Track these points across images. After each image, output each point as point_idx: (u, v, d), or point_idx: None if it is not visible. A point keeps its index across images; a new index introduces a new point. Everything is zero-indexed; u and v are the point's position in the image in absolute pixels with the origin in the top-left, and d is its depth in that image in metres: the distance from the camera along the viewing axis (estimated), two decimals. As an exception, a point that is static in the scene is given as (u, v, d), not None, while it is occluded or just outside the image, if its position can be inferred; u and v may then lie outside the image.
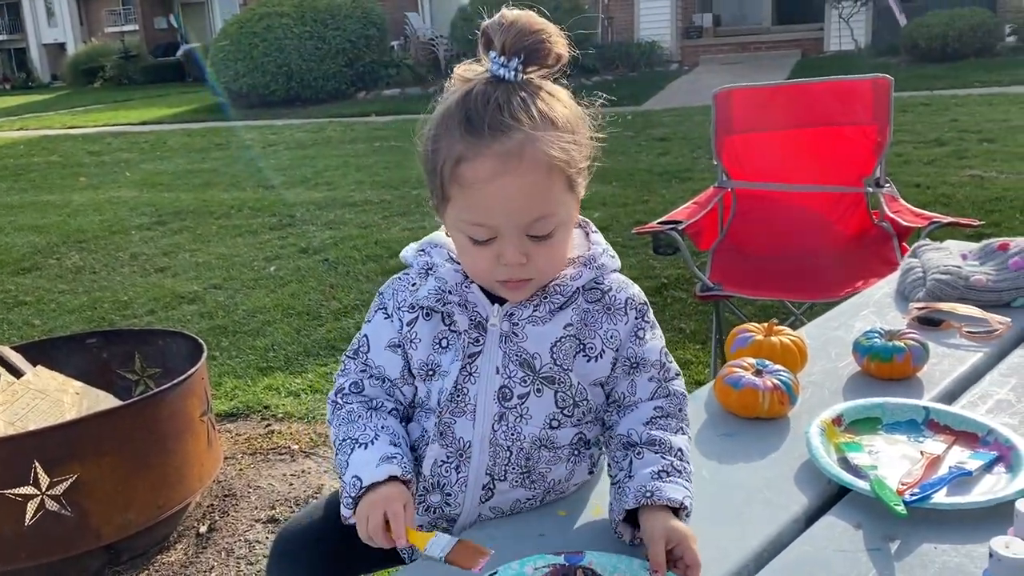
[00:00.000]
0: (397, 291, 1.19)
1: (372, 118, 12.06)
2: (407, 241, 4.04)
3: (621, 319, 1.15)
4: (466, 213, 1.06)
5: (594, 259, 1.16)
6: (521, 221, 1.05)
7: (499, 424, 1.14)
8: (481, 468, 1.15)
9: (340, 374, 1.23)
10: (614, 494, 1.10)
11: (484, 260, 1.08)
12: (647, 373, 1.17)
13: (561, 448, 1.17)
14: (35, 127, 14.40)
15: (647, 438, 1.12)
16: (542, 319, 1.13)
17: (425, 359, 1.16)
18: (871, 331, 1.49)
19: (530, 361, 1.13)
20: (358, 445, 1.13)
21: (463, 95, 1.05)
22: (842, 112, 3.19)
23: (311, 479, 2.78)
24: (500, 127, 1.01)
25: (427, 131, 1.09)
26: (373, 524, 1.04)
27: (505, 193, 1.03)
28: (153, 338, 2.94)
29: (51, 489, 2.18)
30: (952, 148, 6.71)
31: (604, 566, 1.01)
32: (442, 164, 1.05)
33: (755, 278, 3.06)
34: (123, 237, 6.22)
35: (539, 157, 1.02)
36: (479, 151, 1.02)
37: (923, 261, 1.80)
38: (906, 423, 1.30)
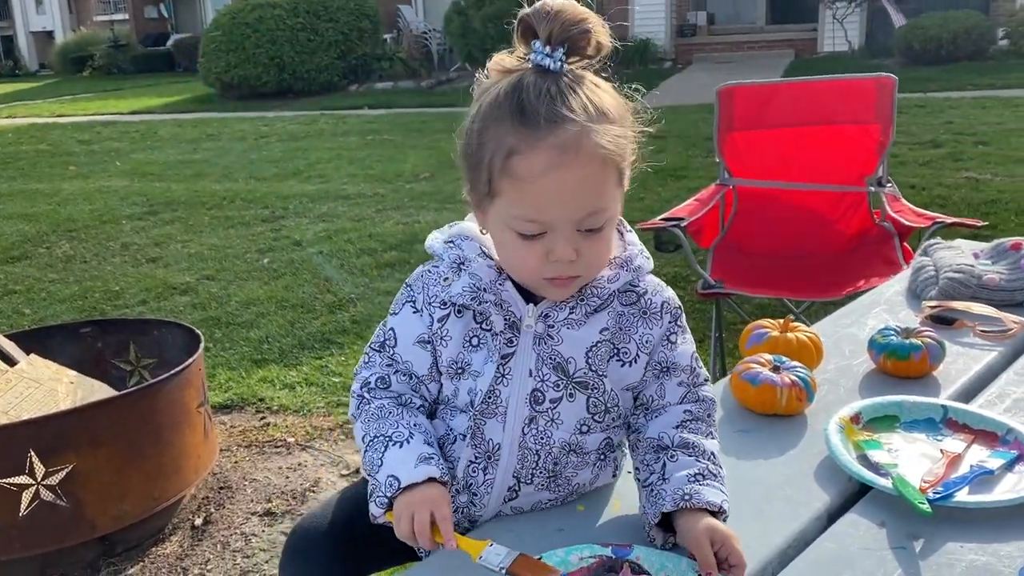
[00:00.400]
0: (428, 285, 1.15)
1: (364, 111, 12.00)
2: (401, 235, 4.03)
3: (657, 323, 1.13)
4: (517, 208, 1.02)
5: (631, 260, 1.12)
6: (575, 216, 1.01)
7: (529, 428, 1.11)
8: (509, 471, 1.13)
9: (364, 367, 1.20)
10: (647, 497, 1.08)
11: (532, 257, 1.04)
12: (677, 378, 1.14)
13: (589, 453, 1.15)
14: (23, 115, 14.26)
15: (679, 441, 1.10)
16: (578, 322, 1.10)
17: (455, 357, 1.12)
18: (887, 329, 1.48)
19: (564, 365, 1.10)
20: (392, 443, 1.10)
21: (513, 85, 1.01)
22: (845, 111, 3.19)
23: (307, 472, 2.75)
24: (556, 118, 0.98)
25: (471, 124, 1.05)
26: (420, 524, 1.02)
27: (561, 187, 0.99)
28: (148, 328, 2.91)
29: (46, 479, 2.15)
30: (947, 150, 6.73)
31: (652, 562, 1.00)
32: (491, 158, 1.01)
33: (756, 276, 3.05)
34: (114, 227, 6.16)
35: (594, 150, 0.99)
36: (534, 144, 0.98)
37: (935, 259, 1.79)
38: (924, 421, 1.29)
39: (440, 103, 12.10)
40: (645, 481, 1.10)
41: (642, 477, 1.11)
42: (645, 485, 1.09)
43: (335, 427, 3.04)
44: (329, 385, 3.35)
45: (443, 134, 9.29)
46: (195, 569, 2.31)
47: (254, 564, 2.32)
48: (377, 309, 4.13)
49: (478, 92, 1.07)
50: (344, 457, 2.83)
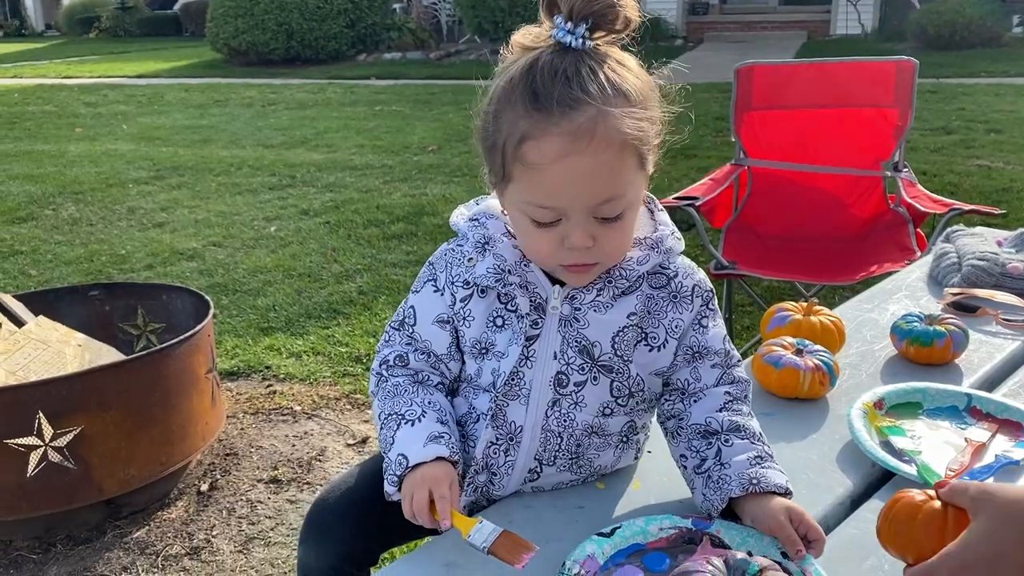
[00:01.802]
0: (451, 264, 1.13)
1: (372, 81, 11.92)
2: (408, 207, 4.00)
3: (687, 307, 1.10)
4: (530, 194, 0.99)
5: (661, 241, 1.09)
6: (589, 203, 0.98)
7: (552, 410, 1.10)
8: (531, 453, 1.12)
9: (384, 344, 1.19)
10: (705, 484, 1.05)
11: (547, 243, 1.01)
12: (711, 360, 1.12)
13: (611, 435, 1.13)
14: (30, 75, 14.17)
15: (729, 424, 1.07)
16: (605, 305, 1.07)
17: (478, 337, 1.11)
18: (910, 315, 1.47)
19: (589, 348, 1.08)
20: (404, 421, 1.09)
21: (528, 67, 0.97)
22: (864, 94, 3.16)
23: (313, 441, 2.75)
24: (569, 102, 0.94)
25: (487, 105, 1.02)
26: (418, 503, 1.02)
27: (573, 174, 0.95)
28: (156, 293, 2.89)
29: (54, 441, 2.15)
30: (959, 137, 6.68)
31: (732, 537, 0.99)
32: (504, 142, 0.99)
33: (768, 258, 3.03)
34: (120, 190, 6.13)
35: (611, 135, 0.95)
36: (546, 129, 0.94)
37: (957, 246, 1.77)
38: (948, 409, 1.28)
39: (448, 75, 12.02)
40: (699, 468, 1.06)
41: (691, 464, 1.08)
42: (700, 472, 1.06)
43: (341, 396, 3.03)
44: (335, 355, 3.35)
45: (451, 106, 9.24)
46: (200, 534, 2.31)
47: (259, 531, 2.32)
48: (384, 281, 4.12)
49: (498, 71, 1.03)
50: (350, 427, 2.83)
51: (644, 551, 0.96)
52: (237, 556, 2.22)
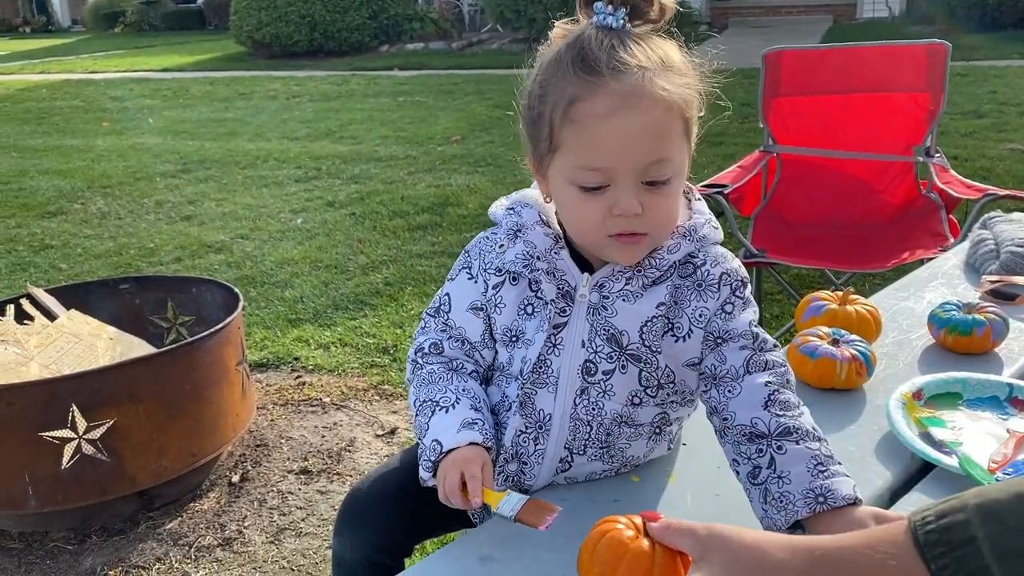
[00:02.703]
0: (484, 252, 1.15)
1: (395, 72, 11.92)
2: (433, 198, 4.01)
3: (712, 296, 1.07)
4: (579, 156, 0.99)
5: (695, 230, 1.07)
6: (639, 163, 0.98)
7: (580, 399, 1.09)
8: (560, 442, 1.11)
9: (420, 332, 1.21)
10: (764, 498, 0.98)
11: (595, 212, 1.00)
12: (736, 343, 1.07)
13: (642, 426, 1.12)
14: (57, 71, 14.32)
15: (778, 427, 1.00)
16: (634, 294, 1.06)
17: (509, 324, 1.11)
18: (948, 303, 1.44)
19: (618, 337, 1.07)
20: (439, 408, 1.10)
21: (574, 39, 1.00)
22: (894, 78, 3.10)
23: (343, 432, 2.76)
24: (617, 65, 0.96)
25: (532, 84, 1.03)
26: (450, 484, 1.02)
27: (624, 130, 0.96)
28: (186, 286, 2.91)
29: (88, 433, 2.17)
30: (991, 120, 6.57)
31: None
32: (552, 109, 0.99)
33: (798, 245, 3.00)
34: (148, 184, 6.18)
35: (658, 95, 0.96)
36: (596, 89, 0.96)
37: (995, 233, 1.74)
38: (988, 399, 1.25)
39: (471, 65, 11.99)
40: (754, 478, 1.00)
41: (744, 471, 1.01)
42: (756, 483, 0.99)
43: (369, 388, 3.04)
44: (363, 346, 3.36)
45: (474, 96, 9.22)
46: (232, 525, 2.33)
47: (290, 521, 2.33)
48: (410, 272, 4.12)
49: (539, 57, 1.05)
50: (379, 417, 2.84)
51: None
52: (269, 547, 2.24)
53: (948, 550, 0.67)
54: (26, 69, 14.86)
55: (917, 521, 0.70)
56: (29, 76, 13.84)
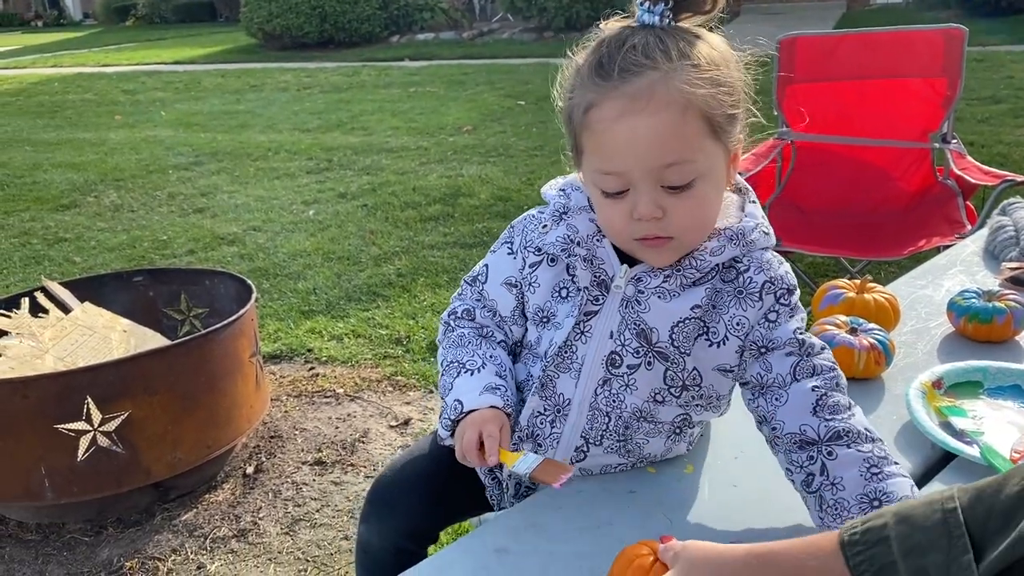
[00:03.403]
0: (527, 229, 1.15)
1: (406, 63, 11.91)
2: (445, 188, 3.99)
3: (753, 305, 1.04)
4: (596, 162, 0.99)
5: (743, 234, 1.04)
6: (651, 166, 0.95)
7: (602, 389, 1.08)
8: (577, 430, 1.11)
9: (457, 297, 1.23)
10: (820, 506, 0.97)
11: (618, 215, 0.99)
12: (782, 351, 1.04)
13: (662, 424, 1.11)
14: (69, 64, 14.38)
15: (827, 431, 0.98)
16: (671, 292, 1.04)
17: (541, 305, 1.12)
18: (967, 291, 1.42)
19: (648, 333, 1.05)
20: (464, 370, 1.12)
21: (598, 43, 0.99)
22: (910, 63, 3.07)
23: (356, 423, 2.76)
24: (629, 68, 0.94)
25: (565, 83, 1.03)
26: (468, 442, 1.04)
27: (632, 134, 0.94)
28: (199, 278, 2.91)
29: (103, 425, 2.18)
30: (1008, 106, 6.50)
31: None
32: (574, 113, 1.00)
33: (813, 234, 2.97)
34: (160, 176, 6.20)
35: (672, 96, 0.93)
36: (607, 93, 0.95)
37: (1015, 219, 1.71)
38: (1010, 388, 1.24)
39: (482, 55, 11.96)
40: (808, 486, 0.98)
41: (799, 480, 1.00)
42: (811, 491, 0.98)
43: (383, 379, 3.04)
44: (376, 337, 3.36)
45: (485, 86, 9.20)
46: (247, 516, 2.34)
47: (305, 512, 2.34)
48: (422, 263, 4.12)
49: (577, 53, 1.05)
50: (392, 408, 2.84)
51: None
52: (284, 538, 2.24)
53: (864, 548, 0.75)
54: (38, 63, 14.93)
55: (846, 528, 0.78)
56: (41, 70, 13.89)
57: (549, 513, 1.05)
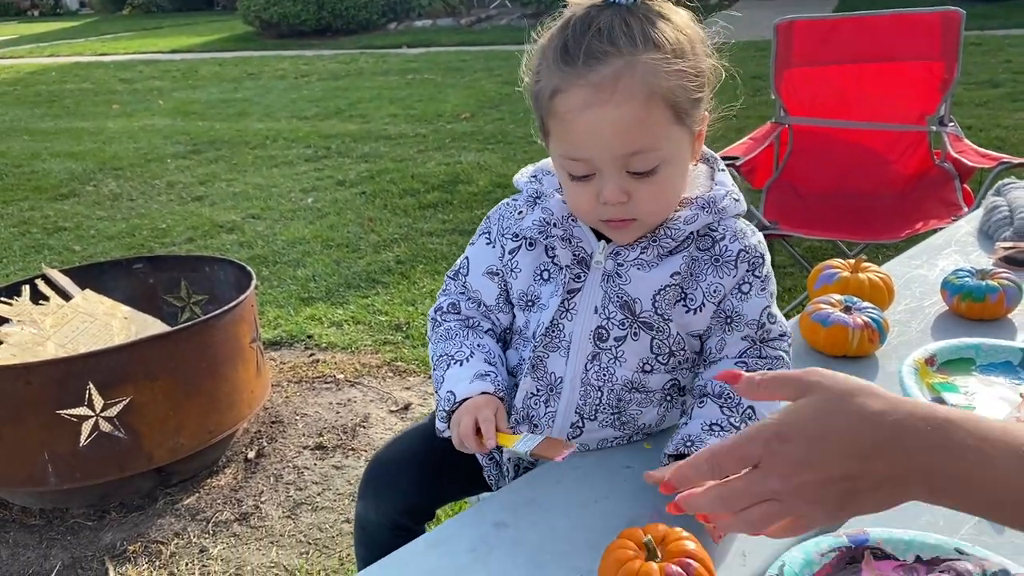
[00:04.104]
0: (503, 217, 1.17)
1: (404, 50, 11.89)
2: (443, 176, 4.00)
3: (729, 272, 1.07)
4: (562, 147, 1.01)
5: (714, 201, 1.06)
6: (616, 154, 0.97)
7: (592, 364, 1.10)
8: (571, 406, 1.12)
9: (442, 293, 1.24)
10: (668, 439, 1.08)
11: (585, 198, 1.02)
12: (741, 332, 1.09)
13: (653, 392, 1.13)
14: (66, 54, 14.34)
15: (718, 390, 1.07)
16: (649, 263, 1.06)
17: (525, 289, 1.13)
18: (961, 270, 1.43)
19: (631, 304, 1.08)
20: (454, 362, 1.14)
21: (564, 23, 0.99)
22: (908, 47, 3.07)
23: (357, 408, 2.78)
24: (595, 55, 0.94)
25: (531, 63, 1.04)
26: (464, 429, 1.06)
27: (596, 126, 0.96)
28: (199, 265, 2.93)
29: (105, 411, 2.19)
30: (1006, 90, 6.50)
31: (896, 546, 0.91)
32: (540, 96, 1.01)
33: (810, 217, 2.98)
34: (159, 165, 6.20)
35: (635, 86, 0.94)
36: (572, 81, 0.96)
37: (1009, 200, 1.72)
38: (1002, 365, 1.25)
39: (480, 41, 11.94)
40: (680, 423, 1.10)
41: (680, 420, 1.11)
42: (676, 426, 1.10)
43: (382, 364, 3.06)
44: (376, 324, 3.37)
45: (483, 73, 9.18)
46: (249, 500, 2.36)
47: (306, 496, 2.36)
48: (421, 250, 4.13)
49: (542, 31, 1.05)
50: (392, 393, 2.85)
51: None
52: (285, 521, 2.26)
53: None
54: (35, 52, 14.88)
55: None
56: (39, 59, 13.86)
57: (547, 489, 1.06)
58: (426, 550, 0.96)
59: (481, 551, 0.95)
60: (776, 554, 0.89)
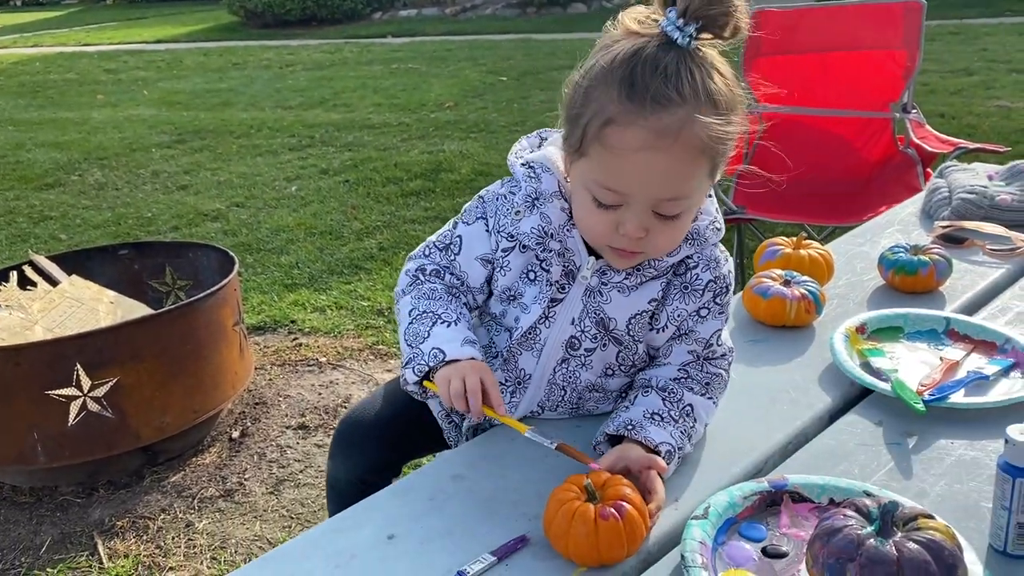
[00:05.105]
0: (499, 211, 1.15)
1: (388, 39, 11.90)
2: (426, 164, 4.03)
3: (695, 300, 1.13)
4: (600, 175, 1.01)
5: (698, 233, 1.10)
6: (654, 197, 1.00)
7: (560, 367, 1.17)
8: (534, 400, 1.21)
9: (423, 256, 1.23)
10: (608, 419, 1.14)
11: (603, 224, 1.04)
12: (689, 346, 1.15)
13: (611, 392, 1.22)
14: (50, 44, 14.28)
15: (662, 384, 1.14)
16: (630, 288, 1.12)
17: (510, 285, 1.16)
18: (897, 246, 1.53)
19: (606, 322, 1.14)
20: (441, 320, 1.14)
21: (631, 54, 0.97)
22: (871, 36, 3.17)
23: (339, 389, 2.86)
24: (663, 100, 0.95)
25: (580, 79, 1.02)
26: (472, 386, 1.06)
27: (649, 168, 0.97)
28: (184, 251, 2.99)
29: (92, 391, 2.26)
30: (980, 78, 6.61)
31: (811, 490, 1.00)
32: (589, 119, 1.00)
33: (778, 202, 3.07)
34: (144, 155, 6.24)
35: (692, 141, 0.96)
36: (634, 120, 0.96)
37: (949, 181, 1.82)
38: (927, 332, 1.35)
39: (464, 31, 11.96)
40: (615, 407, 1.16)
41: (617, 405, 1.17)
42: (613, 411, 1.16)
43: (364, 348, 3.14)
44: (358, 308, 3.45)
45: (467, 62, 9.23)
46: (233, 478, 2.44)
47: (289, 473, 2.44)
48: (403, 237, 4.20)
49: (598, 45, 1.03)
50: (374, 375, 2.94)
51: (736, 523, 0.98)
52: (268, 497, 2.34)
53: None
54: (19, 43, 14.82)
55: None
56: (22, 49, 13.80)
57: (502, 445, 1.15)
58: (389, 499, 1.05)
59: (439, 499, 1.04)
60: (703, 499, 0.99)
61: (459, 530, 0.98)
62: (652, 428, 1.08)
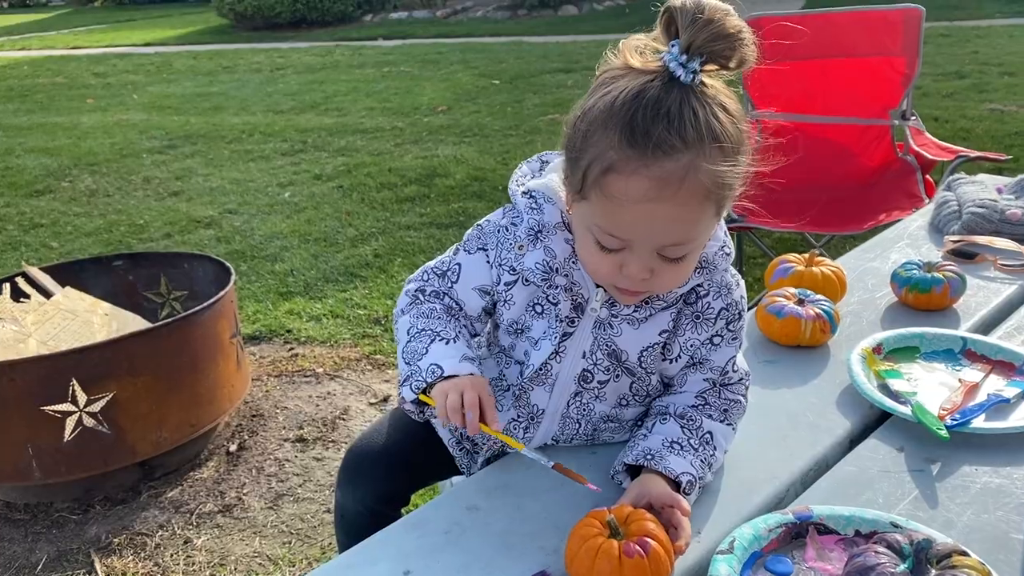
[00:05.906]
0: (501, 245, 1.12)
1: (379, 42, 11.87)
2: (420, 169, 4.00)
3: (708, 328, 1.11)
4: (601, 221, 0.97)
5: (707, 261, 1.07)
6: (658, 243, 0.97)
7: (574, 400, 1.15)
8: (548, 434, 1.18)
9: (421, 281, 1.20)
10: (626, 448, 1.12)
11: (606, 266, 1.01)
12: (704, 374, 1.14)
13: (626, 421, 1.20)
14: (38, 47, 14.18)
15: (680, 412, 1.12)
16: (641, 319, 1.10)
17: (516, 319, 1.14)
18: (909, 263, 1.51)
19: (618, 354, 1.12)
20: (439, 338, 1.12)
21: (633, 96, 0.92)
22: (870, 43, 3.16)
23: (336, 400, 2.83)
24: (663, 147, 0.90)
25: (579, 119, 0.97)
26: (470, 401, 1.04)
27: (651, 217, 0.94)
28: (178, 261, 2.96)
29: (88, 406, 2.23)
30: (972, 81, 6.62)
31: (837, 522, 0.98)
32: (589, 164, 0.95)
33: (777, 210, 3.05)
34: (135, 160, 6.19)
35: (697, 188, 0.92)
36: (635, 169, 0.92)
37: (958, 195, 1.81)
38: (944, 352, 1.33)
39: (456, 33, 11.94)
40: (633, 435, 1.14)
41: (634, 433, 1.15)
42: (631, 439, 1.14)
43: (361, 358, 3.11)
44: (354, 317, 3.42)
45: (459, 65, 9.21)
46: (231, 492, 2.41)
47: (288, 487, 2.41)
48: (399, 243, 4.18)
49: (597, 81, 0.98)
50: (371, 386, 2.91)
51: (762, 557, 0.95)
52: (268, 512, 2.31)
53: None
54: (6, 46, 14.71)
55: None
56: (10, 53, 13.70)
57: (517, 473, 1.13)
58: (402, 532, 1.03)
59: (454, 532, 1.02)
60: (727, 531, 0.96)
61: (476, 565, 0.96)
62: (672, 458, 1.06)
